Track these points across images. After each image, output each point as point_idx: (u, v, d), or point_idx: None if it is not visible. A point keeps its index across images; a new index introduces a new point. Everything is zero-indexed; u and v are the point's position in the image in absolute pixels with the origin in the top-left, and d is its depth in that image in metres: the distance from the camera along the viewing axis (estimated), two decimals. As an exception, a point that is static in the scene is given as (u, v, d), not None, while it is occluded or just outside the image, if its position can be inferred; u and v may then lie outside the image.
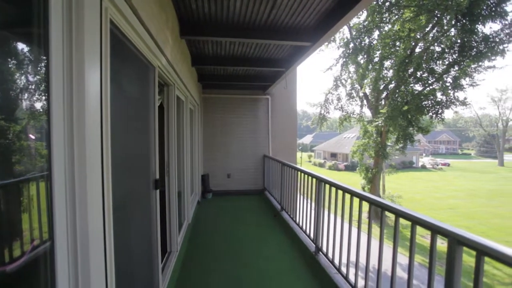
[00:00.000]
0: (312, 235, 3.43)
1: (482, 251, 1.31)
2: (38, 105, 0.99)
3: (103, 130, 1.20)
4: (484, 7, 11.02)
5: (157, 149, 2.33)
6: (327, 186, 3.02)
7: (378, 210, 2.14)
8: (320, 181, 3.16)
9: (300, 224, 3.95)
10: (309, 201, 3.62)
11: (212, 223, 4.94)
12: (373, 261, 2.20)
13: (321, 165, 39.05)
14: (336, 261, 2.81)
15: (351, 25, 13.61)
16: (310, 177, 3.56)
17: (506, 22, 11.06)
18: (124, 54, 1.77)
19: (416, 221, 1.77)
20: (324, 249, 3.13)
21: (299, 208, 4.03)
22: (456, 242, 1.45)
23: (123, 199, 1.75)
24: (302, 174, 3.91)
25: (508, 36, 11.18)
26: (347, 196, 2.62)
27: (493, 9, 11.07)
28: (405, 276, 1.76)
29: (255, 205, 6.17)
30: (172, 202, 3.16)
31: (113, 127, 1.33)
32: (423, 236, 9.98)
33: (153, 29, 1.96)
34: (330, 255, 2.97)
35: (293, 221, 4.32)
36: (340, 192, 2.76)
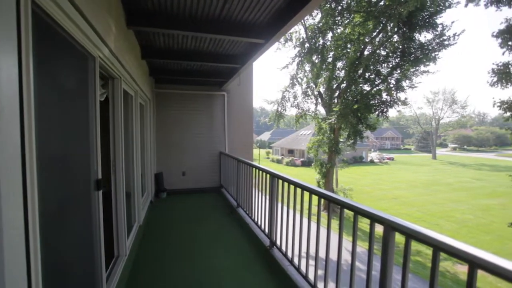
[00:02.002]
0: (266, 230, 3.50)
1: (410, 235, 1.48)
2: None
3: (25, 127, 1.06)
4: (420, 18, 12.29)
5: (99, 147, 2.15)
6: (280, 181, 3.10)
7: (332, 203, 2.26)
8: (273, 176, 3.23)
9: (256, 219, 4.01)
10: (264, 197, 3.68)
11: (166, 223, 4.75)
12: (324, 250, 2.31)
13: (278, 161, 40.06)
14: (290, 254, 2.90)
15: (307, 25, 14.13)
16: (264, 173, 3.62)
17: (437, 33, 12.48)
18: (56, 42, 1.58)
19: (357, 211, 1.91)
20: (278, 243, 3.21)
21: (255, 204, 4.08)
22: (390, 228, 1.61)
23: (56, 202, 1.58)
24: (257, 170, 3.96)
25: (438, 45, 12.63)
26: (300, 191, 2.72)
27: (427, 20, 12.41)
28: (359, 265, 1.90)
29: (212, 202, 6.10)
30: (120, 203, 2.96)
31: (41, 124, 1.18)
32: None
33: (91, 15, 1.79)
34: (283, 248, 3.06)
35: (248, 217, 4.37)
36: (292, 187, 2.85)
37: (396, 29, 12.99)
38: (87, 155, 2.04)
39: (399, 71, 13.36)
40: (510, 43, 8.13)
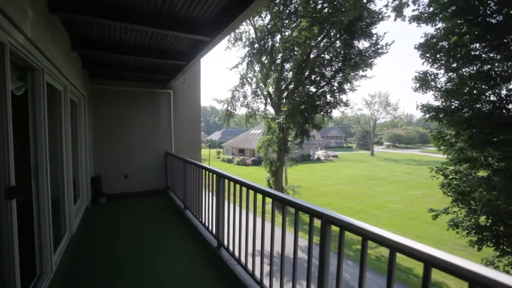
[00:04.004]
0: (214, 231, 3.44)
1: (344, 227, 1.60)
2: None
3: None
4: (358, 27, 13.46)
5: (11, 149, 1.84)
6: (226, 181, 3.07)
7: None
8: (220, 176, 3.18)
9: (203, 221, 3.91)
10: (212, 197, 3.61)
11: (106, 231, 4.35)
12: (270, 247, 2.35)
13: (229, 161, 39.97)
14: (237, 253, 2.90)
15: (257, 26, 14.36)
16: (210, 173, 3.55)
17: (372, 42, 13.82)
18: None
19: (298, 207, 1.99)
20: (226, 243, 3.18)
21: (203, 205, 3.98)
22: (327, 221, 1.70)
23: None
24: (204, 170, 3.86)
25: (374, 53, 13.98)
26: (246, 190, 2.71)
27: (364, 30, 13.65)
28: (303, 256, 1.97)
29: (157, 206, 5.78)
30: (43, 212, 2.60)
31: None
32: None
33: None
34: (231, 248, 3.04)
35: (196, 219, 4.25)
36: (238, 186, 2.84)
37: (338, 36, 14.00)
38: (-5, 159, 1.74)
39: (341, 75, 14.43)
40: (427, 55, 9.37)
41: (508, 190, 7.38)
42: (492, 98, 8.23)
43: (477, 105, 8.42)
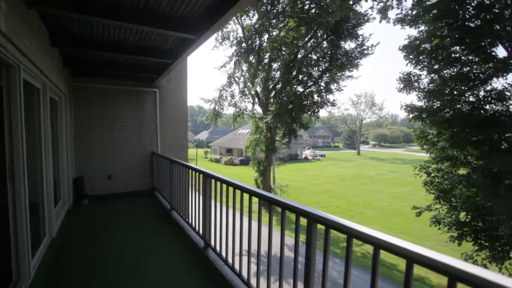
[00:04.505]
0: (201, 232, 3.40)
1: (329, 225, 1.61)
2: None
3: None
4: (345, 28, 13.66)
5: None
6: (213, 181, 3.04)
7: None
8: (206, 176, 3.15)
9: (190, 222, 3.86)
10: (199, 198, 3.56)
11: (88, 234, 4.21)
12: (257, 246, 2.34)
13: (217, 161, 39.71)
14: (224, 254, 2.87)
15: (244, 25, 14.33)
16: (197, 173, 3.51)
17: (358, 43, 14.06)
18: None
19: (285, 207, 1.99)
20: (213, 243, 3.15)
21: (189, 206, 3.92)
22: (312, 220, 1.71)
23: None
24: (190, 170, 3.81)
25: (360, 54, 14.23)
26: (232, 189, 2.69)
27: (350, 31, 13.87)
28: (291, 255, 1.97)
29: (143, 207, 5.66)
30: (20, 215, 2.48)
31: None
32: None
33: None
34: (218, 248, 3.01)
35: (183, 219, 4.19)
36: (224, 186, 2.81)
37: (325, 36, 14.17)
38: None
39: (328, 75, 14.60)
40: (411, 56, 9.63)
41: (486, 187, 7.69)
42: (471, 99, 8.55)
43: (458, 106, 8.73)
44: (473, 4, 7.96)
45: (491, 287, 0.87)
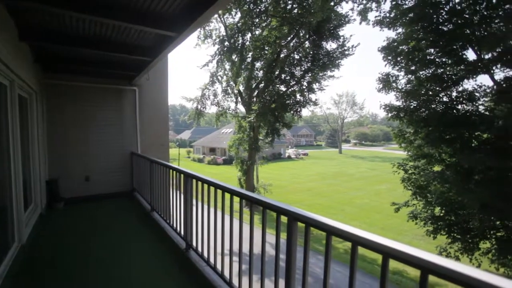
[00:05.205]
0: (182, 233, 3.34)
1: (308, 223, 1.63)
2: None
3: None
4: (326, 29, 13.90)
5: None
6: (194, 180, 2.99)
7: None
8: (187, 176, 3.09)
9: (171, 222, 3.79)
10: (180, 198, 3.50)
11: (62, 239, 4.01)
12: (242, 246, 2.33)
13: (200, 161, 39.27)
14: (206, 254, 2.83)
15: (227, 24, 14.23)
16: (178, 173, 3.44)
17: (339, 43, 14.35)
18: None
19: (265, 206, 1.99)
20: (194, 244, 3.10)
21: (171, 207, 3.84)
22: (293, 218, 1.72)
23: None
24: (171, 170, 3.73)
25: (341, 54, 14.53)
26: (214, 189, 2.66)
27: (332, 31, 14.13)
28: (273, 253, 1.97)
29: (122, 208, 5.49)
30: (-15, 221, 2.33)
31: None
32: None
33: None
34: (200, 249, 2.97)
35: (164, 220, 4.10)
36: (206, 186, 2.77)
37: (307, 36, 14.35)
38: None
39: (310, 75, 14.81)
40: (389, 57, 9.95)
41: (458, 183, 8.10)
42: (445, 99, 8.97)
43: (433, 105, 9.13)
44: (445, 8, 8.34)
45: (459, 278, 0.91)
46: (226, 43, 13.88)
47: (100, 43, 4.11)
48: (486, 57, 8.21)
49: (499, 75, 8.23)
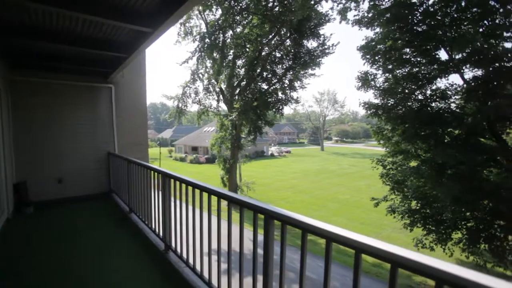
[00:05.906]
0: (161, 234, 3.26)
1: (285, 221, 1.63)
2: None
3: None
4: (307, 27, 14.04)
5: None
6: (172, 180, 2.92)
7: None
8: (165, 176, 3.01)
9: (150, 224, 3.69)
10: (158, 199, 3.41)
11: (31, 245, 3.79)
12: (223, 245, 2.30)
13: (182, 160, 38.66)
14: (185, 255, 2.78)
15: (208, 21, 14.03)
16: (156, 173, 3.35)
17: (320, 42, 14.55)
18: None
19: (243, 205, 1.98)
20: (173, 245, 3.04)
21: (149, 207, 3.74)
22: (269, 217, 1.72)
23: None
24: (149, 170, 3.63)
25: (322, 53, 14.74)
26: (192, 189, 2.60)
27: (312, 30, 14.29)
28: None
29: (98, 211, 5.28)
30: None
31: None
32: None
33: None
34: (179, 250, 2.91)
35: (142, 222, 3.98)
36: (184, 185, 2.71)
37: (288, 34, 14.43)
38: None
39: (291, 73, 14.93)
40: (368, 56, 10.21)
41: (432, 177, 8.47)
42: (420, 97, 9.33)
43: (409, 103, 9.47)
44: (420, 10, 8.65)
45: (426, 270, 0.95)
46: (207, 40, 13.68)
47: (70, 38, 3.92)
48: (457, 57, 8.61)
49: (468, 74, 8.69)
